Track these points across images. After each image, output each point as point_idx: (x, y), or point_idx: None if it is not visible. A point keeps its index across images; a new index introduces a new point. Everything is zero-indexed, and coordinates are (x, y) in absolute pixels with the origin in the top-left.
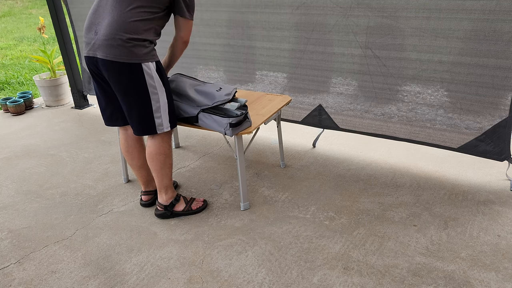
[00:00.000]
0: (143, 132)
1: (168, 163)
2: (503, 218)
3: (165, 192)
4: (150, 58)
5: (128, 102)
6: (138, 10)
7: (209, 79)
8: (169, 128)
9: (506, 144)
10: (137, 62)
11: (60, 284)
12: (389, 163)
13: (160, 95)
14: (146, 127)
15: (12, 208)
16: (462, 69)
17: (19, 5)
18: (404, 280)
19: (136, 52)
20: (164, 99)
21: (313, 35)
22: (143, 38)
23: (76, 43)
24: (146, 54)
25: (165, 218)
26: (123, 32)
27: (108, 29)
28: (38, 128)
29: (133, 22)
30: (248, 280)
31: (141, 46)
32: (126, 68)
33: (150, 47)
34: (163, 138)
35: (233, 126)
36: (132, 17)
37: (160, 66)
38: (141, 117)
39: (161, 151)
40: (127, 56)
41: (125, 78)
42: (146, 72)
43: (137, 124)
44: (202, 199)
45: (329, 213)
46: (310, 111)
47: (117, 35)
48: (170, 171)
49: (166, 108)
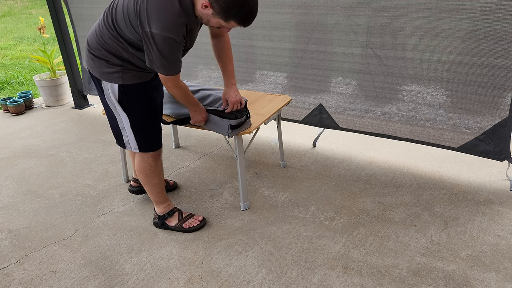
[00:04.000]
0: (118, 143)
1: (150, 183)
2: (503, 218)
3: (156, 206)
4: (113, 79)
5: (104, 109)
6: (105, 28)
7: (209, 79)
8: (137, 151)
9: (506, 144)
10: (97, 77)
11: (60, 284)
12: (389, 163)
13: (122, 119)
14: (118, 139)
15: (12, 208)
16: (462, 68)
17: (19, 5)
18: (404, 280)
19: (96, 67)
20: (127, 125)
21: (314, 35)
22: (101, 56)
23: (76, 43)
24: (108, 74)
25: (157, 227)
26: (87, 42)
27: (88, 34)
28: (38, 128)
29: (95, 37)
30: (248, 280)
31: (100, 64)
32: (91, 77)
33: (115, 68)
34: (143, 158)
35: (233, 128)
36: (97, 32)
37: (130, 91)
38: (112, 128)
39: (140, 170)
40: (90, 67)
41: (94, 85)
42: (105, 91)
43: (113, 133)
44: (201, 217)
45: (329, 213)
46: (310, 110)
47: (86, 42)
48: (155, 189)
49: (131, 133)
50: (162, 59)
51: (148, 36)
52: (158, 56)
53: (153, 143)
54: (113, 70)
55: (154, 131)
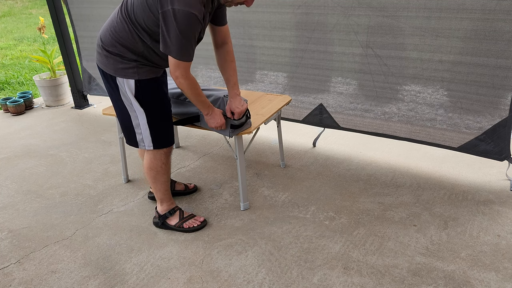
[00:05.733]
0: (129, 142)
1: (160, 180)
2: (503, 218)
3: (160, 203)
4: (128, 75)
5: (114, 107)
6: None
7: (209, 79)
8: (152, 147)
9: (506, 143)
10: (111, 74)
11: (60, 284)
12: (389, 163)
13: (138, 115)
14: (129, 138)
15: (12, 208)
16: (463, 68)
17: (19, 5)
18: (404, 280)
19: (110, 64)
20: (143, 121)
21: (314, 35)
22: (116, 52)
23: (76, 43)
24: (123, 69)
25: (157, 227)
26: (100, 39)
27: (100, 32)
28: (38, 128)
29: (110, 33)
30: (248, 280)
31: (115, 60)
32: (104, 75)
33: (130, 64)
34: (155, 155)
35: (234, 128)
36: (112, 27)
37: (146, 86)
38: (124, 127)
39: (151, 167)
40: (103, 65)
41: (105, 84)
42: (121, 88)
43: (123, 132)
44: (202, 218)
45: (329, 213)
46: (311, 110)
47: (98, 40)
48: (163, 187)
49: (146, 129)
50: (179, 38)
51: (169, 15)
52: (176, 35)
53: (167, 139)
54: (129, 66)
55: (168, 126)
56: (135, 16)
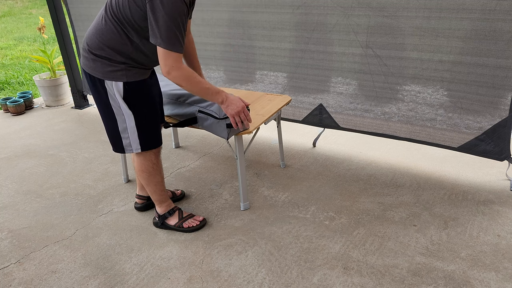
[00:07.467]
0: (115, 149)
1: (153, 181)
2: (503, 218)
3: (159, 205)
4: (117, 78)
5: (100, 113)
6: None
7: (209, 79)
8: (139, 150)
9: (506, 143)
10: (99, 77)
11: (60, 284)
12: (389, 163)
13: (126, 118)
14: (115, 144)
15: (12, 208)
16: (463, 68)
17: (19, 5)
18: (404, 280)
19: (98, 68)
20: (131, 123)
21: (314, 35)
22: (104, 56)
23: (76, 43)
24: (111, 72)
25: (157, 227)
26: (86, 43)
27: (85, 36)
28: (38, 128)
29: (96, 36)
30: (248, 280)
31: (103, 63)
32: (91, 79)
33: (118, 67)
34: (144, 157)
35: (230, 127)
36: (98, 30)
37: (134, 88)
38: (109, 133)
39: (143, 169)
40: (91, 69)
41: (91, 88)
42: (109, 90)
43: (110, 140)
44: (201, 217)
45: (329, 213)
46: (311, 110)
47: (84, 44)
48: (158, 188)
49: (134, 131)
50: (168, 25)
51: (156, 2)
52: (164, 21)
53: (155, 140)
54: (117, 69)
55: (155, 128)
56: (121, 14)
